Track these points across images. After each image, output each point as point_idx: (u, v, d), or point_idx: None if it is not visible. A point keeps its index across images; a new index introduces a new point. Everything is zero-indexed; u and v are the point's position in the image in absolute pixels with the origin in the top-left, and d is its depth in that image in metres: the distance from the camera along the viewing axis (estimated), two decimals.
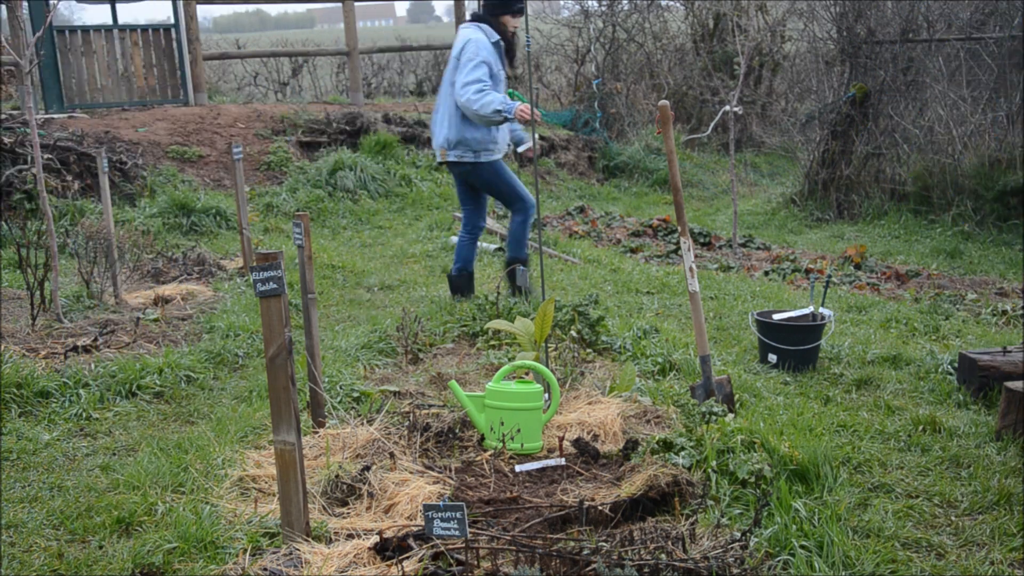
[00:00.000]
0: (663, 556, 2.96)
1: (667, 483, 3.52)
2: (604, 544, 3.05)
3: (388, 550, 3.09)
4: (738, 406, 4.56)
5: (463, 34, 6.30)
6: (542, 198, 11.10)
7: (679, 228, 4.67)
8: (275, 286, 3.04)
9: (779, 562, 3.06)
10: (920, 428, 4.31)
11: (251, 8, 70.05)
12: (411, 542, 3.09)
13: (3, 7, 10.07)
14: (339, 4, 14.28)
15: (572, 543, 3.04)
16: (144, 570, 3.16)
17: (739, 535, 3.09)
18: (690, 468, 3.70)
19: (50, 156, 9.39)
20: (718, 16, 15.37)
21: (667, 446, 3.89)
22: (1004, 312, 6.51)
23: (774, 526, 3.22)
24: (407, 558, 3.03)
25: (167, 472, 3.90)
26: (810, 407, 4.63)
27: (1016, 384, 4.19)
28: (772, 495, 3.40)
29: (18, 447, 4.23)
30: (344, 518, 3.46)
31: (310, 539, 3.20)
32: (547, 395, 4.41)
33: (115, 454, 4.23)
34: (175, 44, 12.66)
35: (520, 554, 2.93)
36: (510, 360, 5.07)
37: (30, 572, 3.19)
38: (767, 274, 7.85)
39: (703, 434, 3.90)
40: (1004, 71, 10.15)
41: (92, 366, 5.17)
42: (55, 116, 11.15)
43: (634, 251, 8.79)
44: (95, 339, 5.63)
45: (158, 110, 12.15)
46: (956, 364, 4.99)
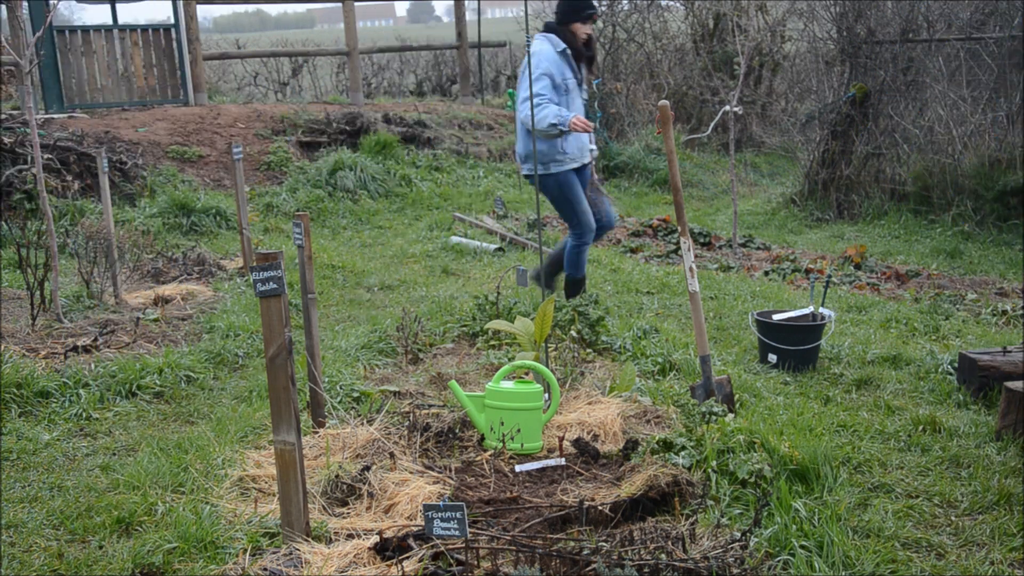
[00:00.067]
0: (663, 556, 2.96)
1: (667, 483, 3.52)
2: (604, 544, 3.05)
3: (388, 550, 3.09)
4: (738, 406, 4.56)
5: (532, 46, 6.21)
6: (542, 198, 11.09)
7: (679, 228, 4.67)
8: (275, 286, 3.04)
9: (779, 562, 3.06)
10: (920, 428, 4.31)
11: (251, 8, 70.06)
12: (411, 542, 3.09)
13: (3, 7, 10.07)
14: (339, 4, 14.29)
15: (572, 543, 3.04)
16: (144, 570, 3.16)
17: (739, 535, 3.09)
18: (690, 468, 3.70)
19: (50, 156, 9.39)
20: (718, 16, 15.36)
21: (667, 446, 3.89)
22: (1004, 312, 6.51)
23: (774, 526, 3.22)
24: (407, 558, 3.03)
25: (167, 472, 3.90)
26: (810, 407, 4.63)
27: (1016, 384, 4.19)
28: (772, 495, 3.40)
29: (18, 447, 4.23)
30: (344, 518, 3.46)
31: (310, 539, 3.20)
32: (547, 395, 4.41)
33: (115, 454, 4.23)
34: (175, 44, 12.66)
35: (520, 554, 2.93)
36: (510, 360, 5.07)
37: (30, 572, 3.19)
38: (767, 274, 7.84)
39: (703, 434, 3.90)
40: (1004, 71, 10.15)
41: (92, 366, 5.17)
42: (55, 116, 11.15)
43: (634, 251, 8.79)
44: (95, 339, 5.63)
45: (158, 110, 12.15)
46: (956, 364, 4.99)
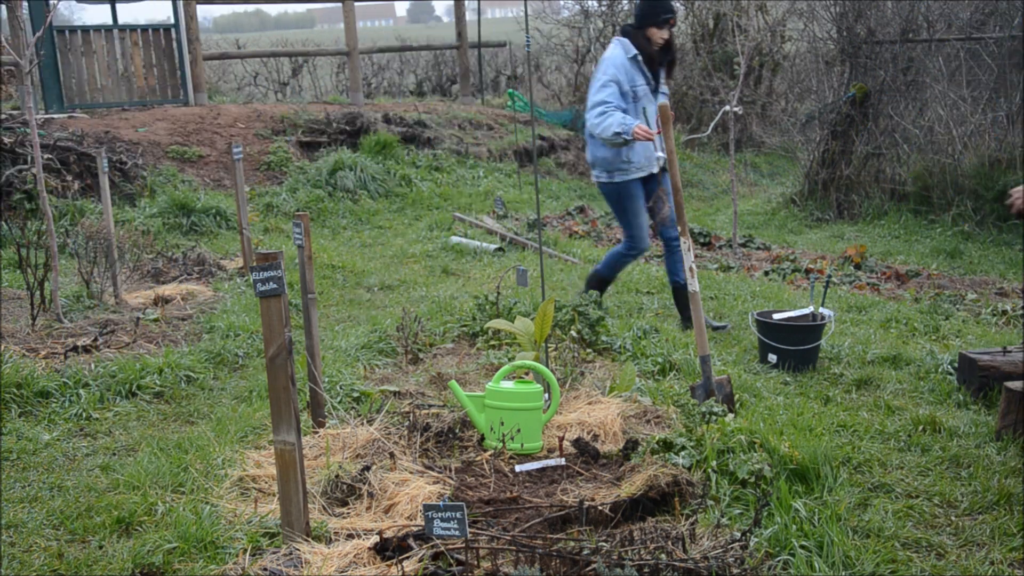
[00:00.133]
0: (663, 556, 2.96)
1: (667, 483, 3.52)
2: (604, 544, 3.05)
3: (388, 550, 3.09)
4: (738, 406, 4.57)
5: (606, 51, 6.09)
6: (542, 198, 11.10)
7: (679, 228, 4.67)
8: (275, 286, 3.04)
9: (779, 562, 3.06)
10: (920, 428, 4.31)
11: (251, 8, 70.06)
12: (411, 542, 3.09)
13: (3, 7, 10.08)
14: (339, 4, 14.29)
15: (572, 543, 3.04)
16: (144, 570, 3.16)
17: (739, 535, 3.09)
18: (690, 468, 3.70)
19: (50, 156, 9.39)
20: (718, 16, 15.36)
21: (667, 446, 3.89)
22: (1004, 312, 6.51)
23: (774, 526, 3.22)
24: (407, 558, 3.03)
25: (167, 472, 3.90)
26: (810, 407, 4.63)
27: (1016, 384, 4.19)
28: (772, 495, 3.40)
29: (18, 447, 4.23)
30: (344, 518, 3.46)
31: (310, 539, 3.20)
32: (547, 395, 4.41)
33: (115, 454, 4.23)
34: (175, 44, 12.66)
35: (520, 554, 2.93)
36: (510, 360, 5.07)
37: (30, 572, 3.19)
38: (767, 274, 7.84)
39: (703, 434, 3.90)
40: (1004, 71, 10.15)
41: (92, 366, 5.17)
42: (55, 116, 11.15)
43: None
44: (95, 339, 5.63)
45: (158, 110, 12.15)
46: (956, 364, 4.99)
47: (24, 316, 6.12)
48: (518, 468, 3.90)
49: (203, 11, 15.37)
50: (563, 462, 3.93)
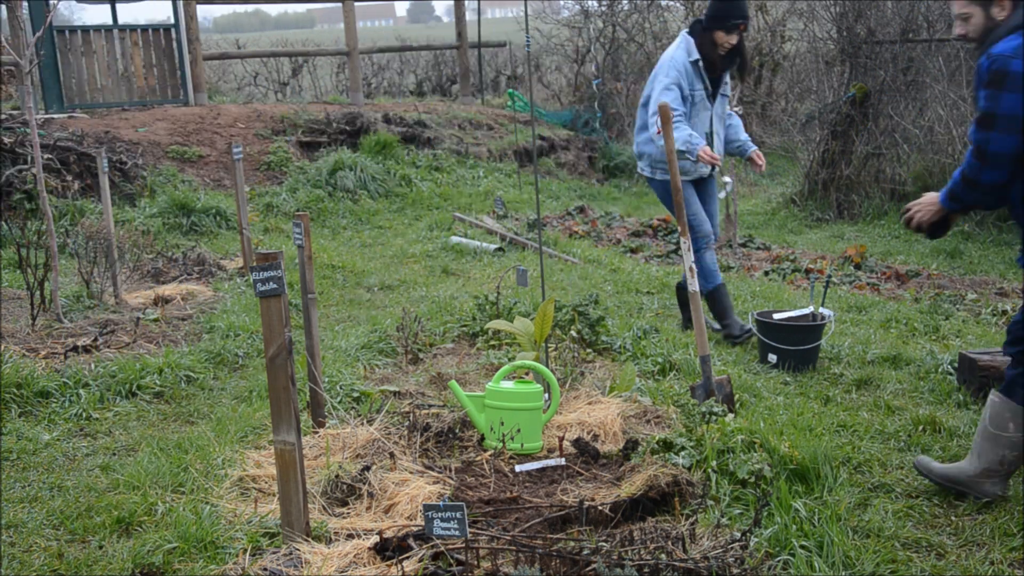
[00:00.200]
0: (663, 556, 2.96)
1: (667, 483, 3.52)
2: (604, 544, 3.05)
3: (388, 550, 3.09)
4: (738, 406, 4.56)
5: (671, 47, 5.82)
6: (542, 198, 11.10)
7: (679, 228, 4.67)
8: (275, 286, 3.04)
9: (779, 562, 3.06)
10: (920, 428, 4.31)
11: (251, 8, 70.03)
12: (411, 542, 3.09)
13: (3, 7, 10.07)
14: (339, 4, 14.29)
15: (572, 543, 3.03)
16: (144, 570, 3.16)
17: (739, 535, 3.09)
18: (690, 468, 3.70)
19: (50, 156, 9.39)
20: None
21: (667, 446, 3.89)
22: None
23: (774, 526, 3.22)
24: (407, 558, 3.03)
25: (167, 472, 3.90)
26: (810, 407, 4.63)
27: None
28: (772, 495, 3.40)
29: (18, 447, 4.23)
30: (344, 518, 3.46)
31: (310, 539, 3.20)
32: (547, 395, 4.41)
33: (115, 454, 4.23)
34: (175, 44, 12.66)
35: (520, 554, 2.93)
36: (510, 360, 5.07)
37: (30, 572, 3.19)
38: (767, 274, 7.84)
39: (703, 434, 3.90)
40: None
41: (92, 366, 5.17)
42: (55, 116, 11.15)
43: (634, 251, 8.79)
44: (95, 339, 5.63)
45: (158, 110, 12.14)
46: (956, 364, 4.99)
47: (24, 316, 6.12)
48: (518, 468, 3.90)
49: (203, 11, 15.38)
50: (563, 462, 3.93)
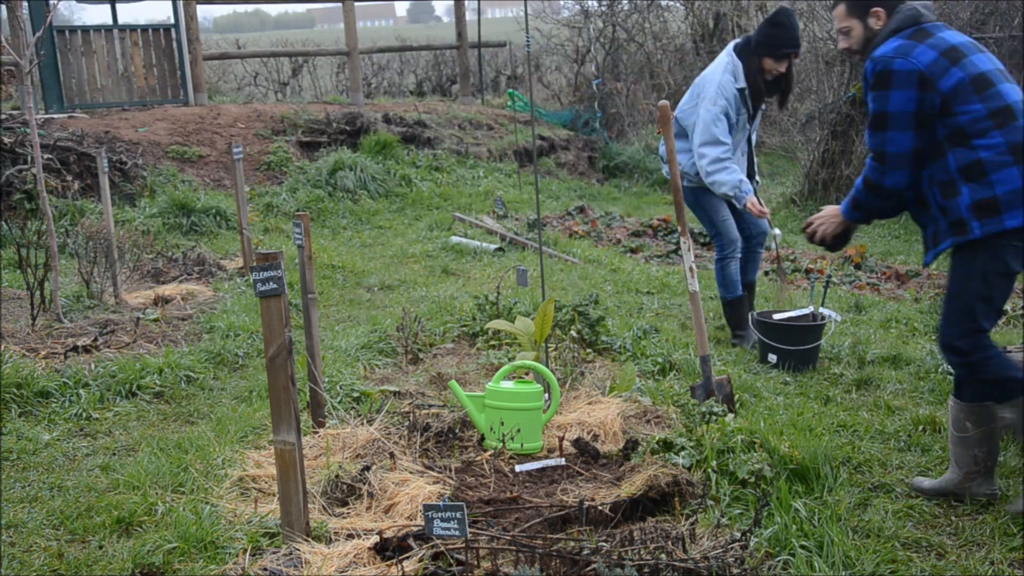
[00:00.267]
0: (663, 556, 2.96)
1: (667, 483, 3.52)
2: (604, 544, 3.05)
3: (388, 550, 3.09)
4: (738, 406, 4.56)
5: (716, 65, 5.59)
6: (542, 198, 11.10)
7: (679, 228, 4.67)
8: (275, 286, 3.04)
9: (779, 562, 3.06)
10: (920, 428, 4.31)
11: (251, 8, 70.03)
12: (411, 542, 3.09)
13: (3, 7, 10.07)
14: (339, 4, 14.29)
15: (572, 543, 3.03)
16: (144, 570, 3.16)
17: (739, 535, 3.09)
18: (690, 468, 3.70)
19: (50, 156, 9.39)
20: (718, 16, 15.36)
21: (667, 446, 3.89)
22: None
23: (774, 526, 3.22)
24: (407, 558, 3.03)
25: (167, 472, 3.90)
26: (810, 407, 4.63)
27: None
28: (772, 495, 3.40)
29: (18, 447, 4.23)
30: (344, 518, 3.46)
31: (310, 539, 3.20)
32: (547, 395, 4.41)
33: (115, 454, 4.23)
34: (175, 44, 12.66)
35: (520, 554, 2.93)
36: (510, 360, 5.07)
37: (30, 572, 3.19)
38: (767, 274, 7.84)
39: (703, 434, 3.90)
40: None
41: (92, 366, 5.17)
42: (55, 116, 11.15)
43: (634, 251, 8.79)
44: (95, 339, 5.63)
45: (158, 110, 12.14)
46: None
47: (24, 316, 6.12)
48: (518, 468, 3.90)
49: (203, 11, 15.38)
50: (563, 462, 3.93)
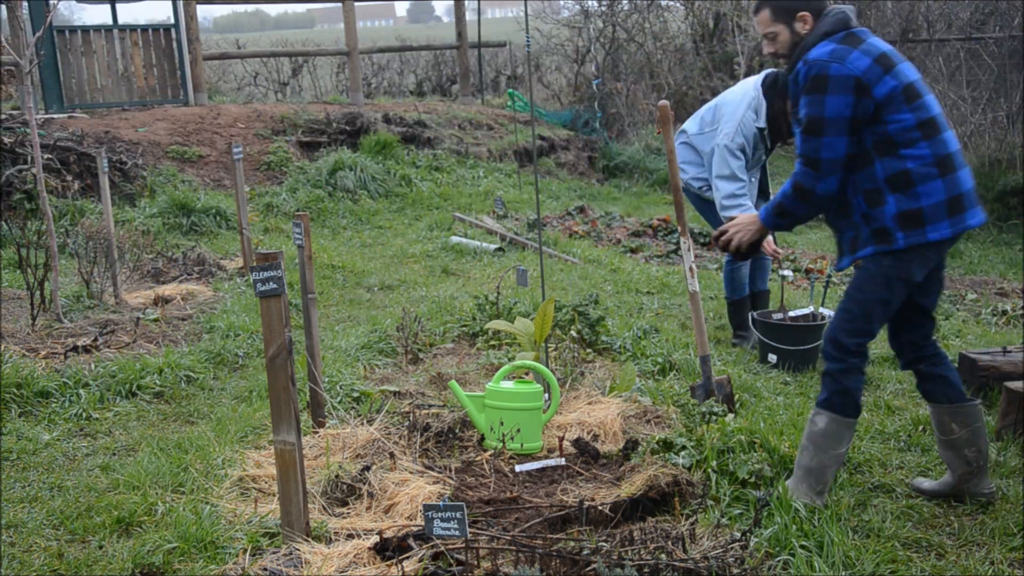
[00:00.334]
0: (663, 556, 2.96)
1: (667, 483, 3.52)
2: (604, 544, 3.05)
3: (388, 550, 3.09)
4: (738, 406, 4.56)
5: (740, 95, 5.52)
6: (542, 198, 11.10)
7: (679, 228, 4.67)
8: (275, 286, 3.04)
9: (779, 562, 3.06)
10: (920, 428, 4.31)
11: (251, 8, 70.06)
12: (411, 542, 3.09)
13: (3, 7, 10.07)
14: (339, 4, 14.29)
15: (572, 543, 3.04)
16: (144, 570, 3.16)
17: (739, 535, 3.09)
18: (690, 468, 3.70)
19: (50, 156, 9.38)
20: (718, 16, 15.35)
21: (667, 446, 3.89)
22: (1004, 312, 6.51)
23: (774, 526, 3.22)
24: (407, 558, 3.03)
25: (167, 472, 3.90)
26: (810, 407, 4.62)
27: (1016, 384, 4.19)
28: (772, 495, 3.40)
29: (18, 447, 4.23)
30: (344, 518, 3.46)
31: (310, 539, 3.20)
32: (547, 395, 4.41)
33: (115, 454, 4.23)
34: (175, 44, 12.66)
35: (520, 554, 2.93)
36: (510, 360, 5.07)
37: (30, 572, 3.19)
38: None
39: (703, 434, 3.90)
40: (1004, 71, 10.16)
41: (92, 366, 5.17)
42: (55, 116, 11.15)
43: (634, 251, 8.79)
44: (95, 339, 5.63)
45: (158, 110, 12.14)
46: (956, 364, 4.98)
47: (24, 316, 6.12)
48: (518, 468, 3.90)
49: (203, 11, 15.37)
50: (563, 462, 3.93)
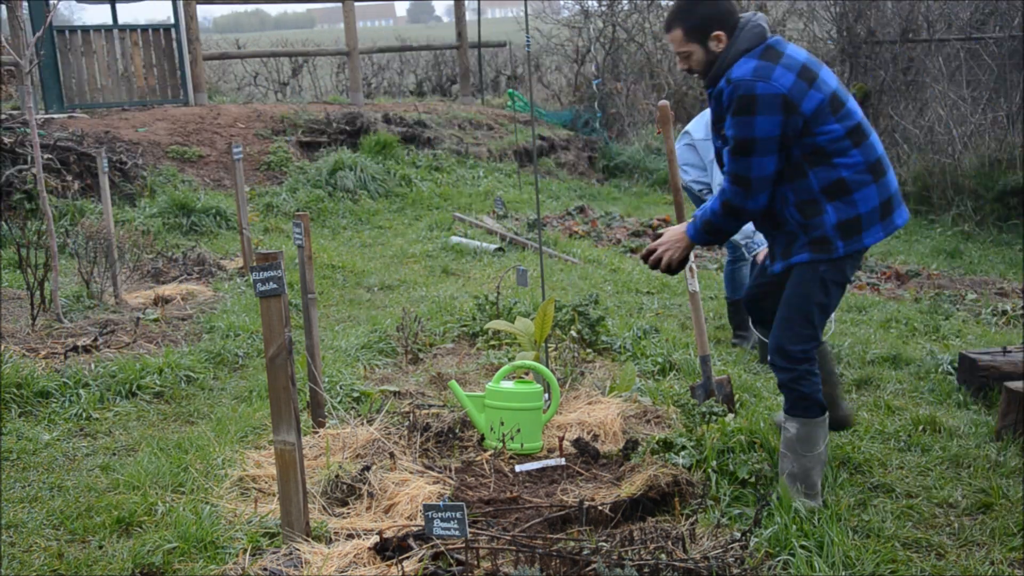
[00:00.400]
0: (663, 556, 2.96)
1: (667, 483, 3.52)
2: (604, 544, 3.05)
3: (388, 550, 3.09)
4: (738, 406, 4.56)
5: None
6: (542, 198, 11.09)
7: None
8: (275, 286, 3.04)
9: (779, 562, 3.06)
10: (920, 428, 4.31)
11: (251, 8, 70.01)
12: (411, 542, 3.09)
13: (3, 7, 10.07)
14: (339, 4, 14.29)
15: (572, 543, 3.04)
16: (144, 570, 3.16)
17: (739, 535, 3.09)
18: (690, 468, 3.70)
19: (50, 156, 9.38)
20: None
21: (667, 446, 3.89)
22: (1004, 312, 6.51)
23: (774, 526, 3.22)
24: (407, 558, 3.03)
25: (167, 472, 3.90)
26: None
27: (1016, 384, 4.19)
28: (772, 495, 3.40)
29: (18, 447, 4.23)
30: (344, 518, 3.46)
31: (310, 539, 3.20)
32: (547, 395, 4.41)
33: (115, 454, 4.23)
34: (175, 44, 12.66)
35: (520, 554, 2.93)
36: (510, 360, 5.07)
37: (30, 572, 3.19)
38: None
39: (703, 434, 3.90)
40: (1004, 71, 10.16)
41: (92, 366, 5.17)
42: (55, 116, 11.15)
43: (634, 251, 8.79)
44: (95, 339, 5.63)
45: (158, 110, 12.14)
46: (956, 364, 4.99)
47: (24, 316, 6.12)
48: (518, 468, 3.90)
49: (203, 11, 15.37)
50: (563, 462, 3.93)
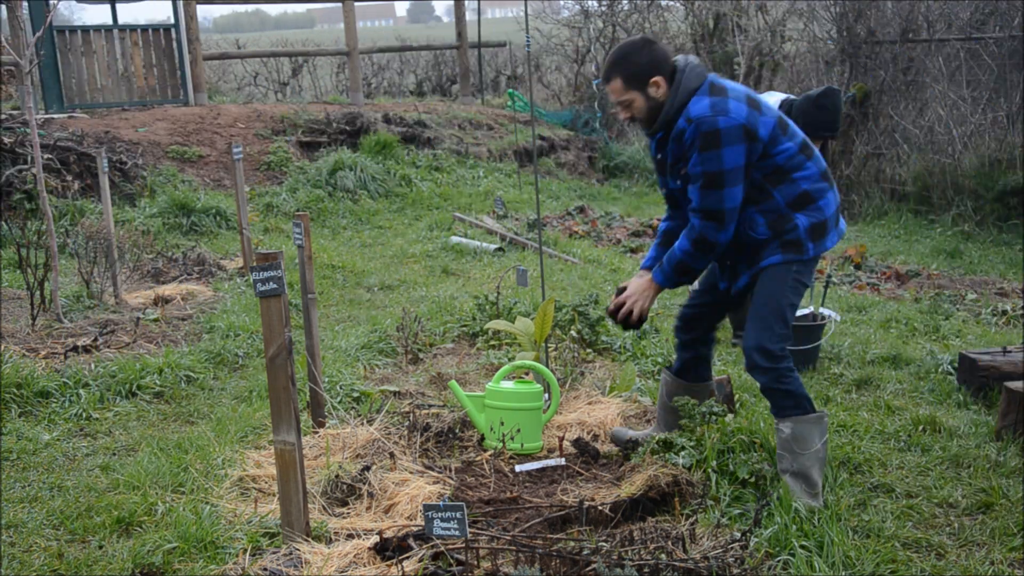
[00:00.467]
0: (663, 556, 2.96)
1: (667, 483, 3.52)
2: (604, 544, 3.05)
3: (388, 550, 3.09)
4: (738, 406, 4.56)
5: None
6: (542, 198, 11.09)
7: None
8: (275, 286, 3.04)
9: (779, 562, 3.06)
10: (920, 428, 4.31)
11: (251, 8, 70.04)
12: (411, 542, 3.09)
13: (3, 7, 10.07)
14: (339, 4, 14.29)
15: (572, 543, 3.04)
16: (144, 570, 3.16)
17: (739, 535, 3.09)
18: (690, 468, 3.70)
19: (50, 156, 9.38)
20: (718, 16, 15.34)
21: (667, 446, 3.88)
22: (1004, 312, 6.51)
23: (774, 526, 3.22)
24: (407, 558, 3.03)
25: (167, 472, 3.90)
26: None
27: (1016, 384, 4.19)
28: (772, 495, 3.40)
29: (18, 447, 4.23)
30: (344, 518, 3.46)
31: (310, 539, 3.20)
32: (547, 395, 4.41)
33: (115, 454, 4.23)
34: (175, 44, 12.66)
35: (520, 554, 2.93)
36: (510, 360, 5.07)
37: (30, 572, 3.19)
38: None
39: (703, 434, 3.90)
40: (1004, 71, 10.16)
41: (92, 366, 5.17)
42: (55, 116, 11.15)
43: (634, 251, 8.79)
44: (95, 339, 5.63)
45: (158, 110, 12.14)
46: (956, 364, 4.99)
47: (24, 316, 6.12)
48: (518, 468, 3.90)
49: (203, 11, 15.37)
50: (563, 462, 3.93)
